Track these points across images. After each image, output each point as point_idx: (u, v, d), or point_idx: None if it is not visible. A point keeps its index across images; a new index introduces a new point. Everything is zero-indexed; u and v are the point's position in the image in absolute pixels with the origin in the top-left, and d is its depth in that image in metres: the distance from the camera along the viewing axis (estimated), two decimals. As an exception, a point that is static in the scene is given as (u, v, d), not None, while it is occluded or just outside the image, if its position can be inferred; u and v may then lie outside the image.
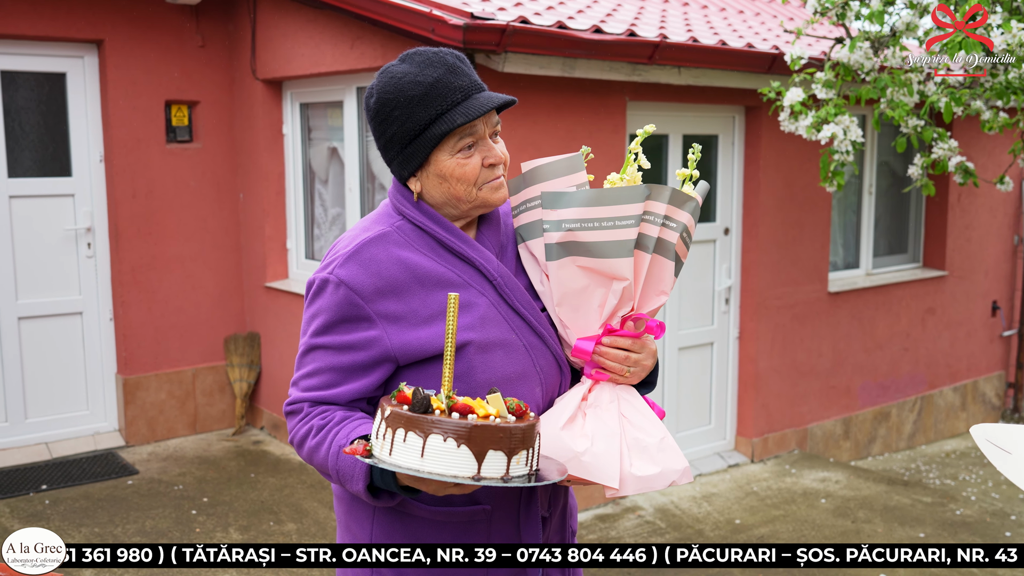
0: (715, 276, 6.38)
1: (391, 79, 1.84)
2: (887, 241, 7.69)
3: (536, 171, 1.96)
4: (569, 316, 1.95)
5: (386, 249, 1.85)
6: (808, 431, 6.82)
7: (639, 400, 1.99)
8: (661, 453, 1.92)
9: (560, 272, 1.91)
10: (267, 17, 6.10)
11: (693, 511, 5.53)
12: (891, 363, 7.42)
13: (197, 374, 6.54)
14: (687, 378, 6.33)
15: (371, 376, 1.84)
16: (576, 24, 4.93)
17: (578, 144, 5.16)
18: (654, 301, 1.99)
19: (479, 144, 1.85)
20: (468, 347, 1.83)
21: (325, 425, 1.81)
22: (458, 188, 1.85)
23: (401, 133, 1.83)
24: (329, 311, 1.83)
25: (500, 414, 1.59)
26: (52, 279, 6.11)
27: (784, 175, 6.37)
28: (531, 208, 1.96)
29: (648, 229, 1.90)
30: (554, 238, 1.90)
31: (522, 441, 1.58)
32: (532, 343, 1.92)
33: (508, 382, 1.87)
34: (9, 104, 5.88)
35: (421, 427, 1.54)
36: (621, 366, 1.93)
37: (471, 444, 1.53)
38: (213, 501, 5.36)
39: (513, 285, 1.92)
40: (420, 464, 1.54)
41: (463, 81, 1.83)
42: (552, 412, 1.94)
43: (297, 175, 6.42)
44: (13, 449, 6.00)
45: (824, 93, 4.89)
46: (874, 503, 5.75)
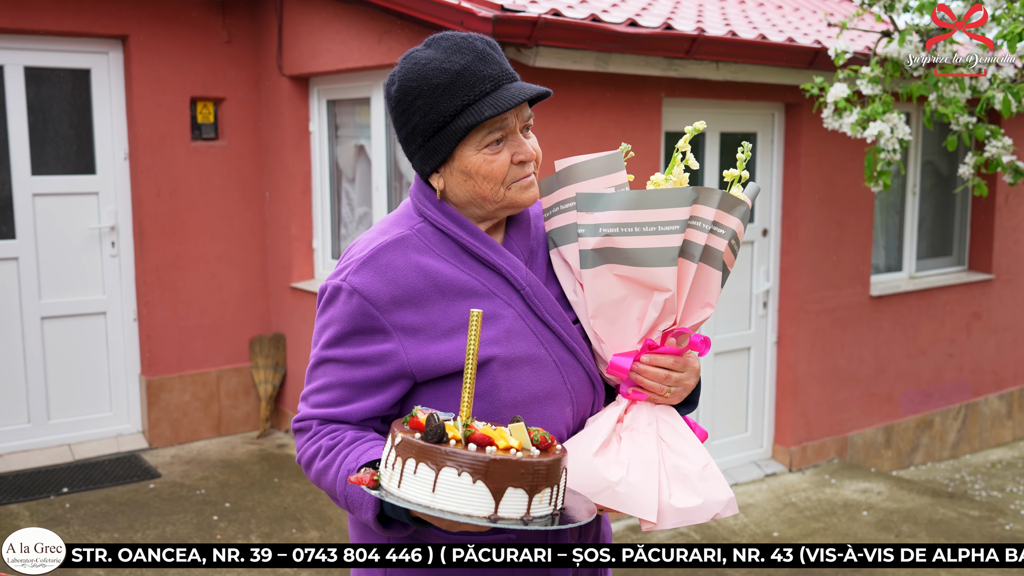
0: (753, 279, 6.17)
1: (414, 65, 1.67)
2: (931, 243, 7.43)
3: (571, 170, 1.79)
4: (605, 329, 1.77)
5: (404, 255, 1.69)
6: (848, 439, 6.60)
7: (680, 422, 1.82)
8: (704, 483, 1.74)
9: (596, 281, 1.74)
10: (294, 12, 5.97)
11: (729, 523, 5.33)
12: (935, 370, 7.17)
13: (221, 376, 6.43)
14: (723, 384, 6.13)
15: (385, 393, 1.68)
16: (611, 17, 4.75)
17: (612, 142, 4.98)
18: (698, 314, 1.81)
19: (509, 139, 1.68)
20: (492, 363, 1.66)
21: (334, 446, 1.65)
22: (484, 186, 1.68)
23: (424, 124, 1.66)
24: (341, 321, 1.67)
25: (523, 446, 1.42)
26: (76, 278, 6.02)
27: (825, 174, 6.15)
28: (565, 210, 1.79)
29: (694, 236, 1.72)
30: (590, 244, 1.72)
31: (546, 478, 1.41)
32: (563, 358, 1.75)
33: (536, 401, 1.70)
34: (34, 101, 5.80)
35: (434, 458, 1.37)
36: (661, 386, 1.76)
37: (488, 480, 1.36)
38: (235, 507, 5.24)
39: (543, 295, 1.75)
40: (431, 500, 1.37)
41: (493, 70, 1.66)
42: (584, 435, 1.76)
43: (324, 173, 6.29)
44: (36, 451, 5.92)
45: (870, 89, 4.67)
46: (918, 516, 5.52)
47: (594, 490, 1.71)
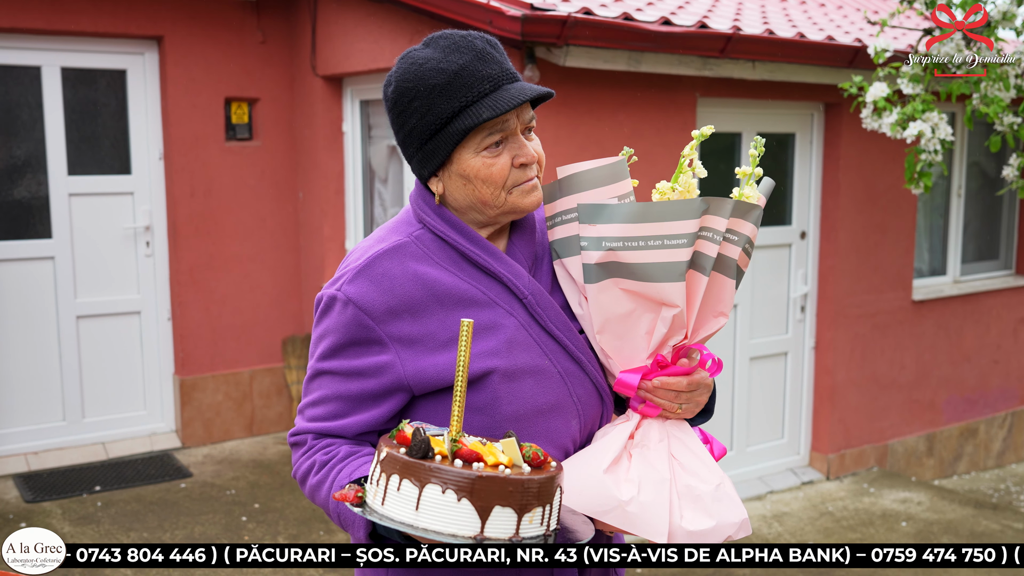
0: (790, 282, 6.04)
1: (411, 65, 1.61)
2: (977, 246, 7.23)
3: (573, 179, 1.70)
4: (612, 345, 1.69)
5: (401, 263, 1.63)
6: (888, 447, 6.44)
7: (693, 439, 1.74)
8: (717, 503, 1.66)
9: (601, 296, 1.66)
10: (327, 12, 5.96)
11: (763, 531, 5.22)
12: (980, 376, 6.98)
13: (254, 376, 6.44)
14: (759, 389, 6.01)
15: (382, 407, 1.62)
16: (645, 16, 4.66)
17: (646, 142, 4.90)
18: (711, 325, 1.73)
19: (509, 141, 1.61)
20: (492, 375, 1.60)
21: (328, 461, 1.60)
22: (484, 191, 1.62)
23: (421, 127, 1.60)
24: (336, 332, 1.62)
25: (513, 463, 1.36)
26: (111, 278, 6.07)
27: (866, 176, 6.00)
28: (567, 221, 1.70)
29: (705, 247, 1.63)
30: (593, 258, 1.64)
31: (537, 497, 1.34)
32: (568, 369, 1.68)
33: (540, 414, 1.64)
34: (70, 101, 5.85)
35: (418, 475, 1.31)
36: (671, 403, 1.69)
37: (474, 498, 1.30)
38: (264, 508, 5.24)
39: (546, 303, 1.68)
40: (415, 518, 1.31)
41: (492, 70, 1.59)
42: (593, 451, 1.69)
43: (357, 174, 6.27)
44: (71, 448, 5.97)
45: (910, 88, 4.53)
46: (959, 528, 5.36)
47: (603, 508, 1.64)
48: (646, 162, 4.00)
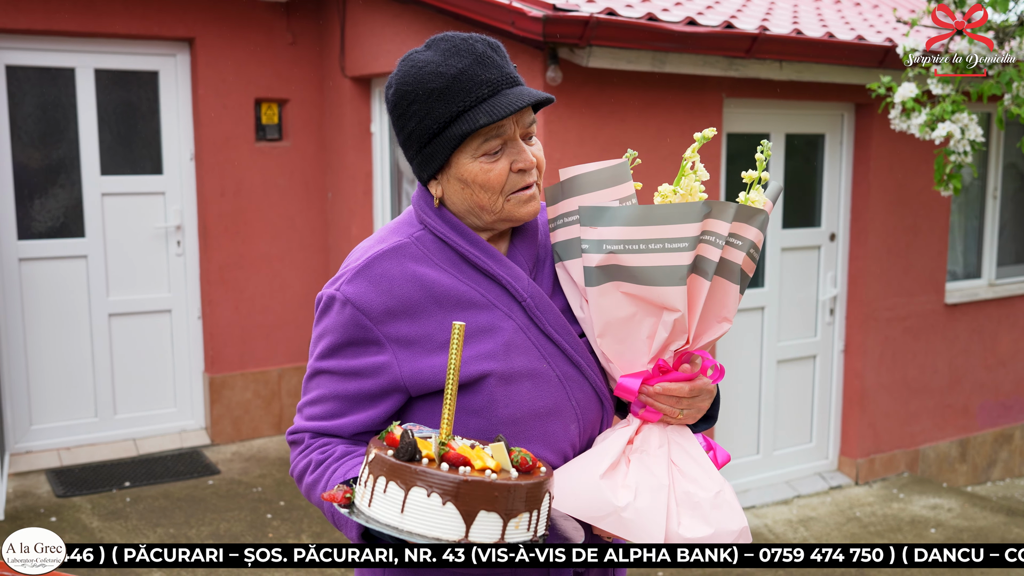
0: (819, 285, 5.98)
1: (411, 68, 1.61)
2: (1014, 249, 7.11)
3: (575, 181, 1.69)
4: (613, 349, 1.68)
5: (400, 264, 1.63)
6: (920, 453, 6.35)
7: (693, 445, 1.72)
8: (715, 511, 1.64)
9: (601, 300, 1.65)
10: (356, 13, 5.99)
11: (788, 536, 5.17)
12: (1015, 381, 6.85)
13: (283, 374, 6.49)
14: (786, 393, 5.95)
15: (379, 407, 1.63)
16: (671, 16, 4.63)
17: (671, 143, 4.87)
18: (715, 330, 1.71)
19: (508, 146, 1.61)
20: (488, 378, 1.59)
21: (324, 460, 1.61)
22: (481, 196, 1.61)
23: (419, 131, 1.60)
24: (334, 332, 1.62)
25: (501, 468, 1.35)
26: (142, 276, 6.15)
27: (897, 177, 5.92)
28: (568, 223, 1.70)
29: (707, 251, 1.62)
30: (593, 260, 1.63)
31: (524, 502, 1.33)
32: (567, 373, 1.67)
33: (537, 418, 1.63)
34: (103, 102, 5.93)
35: (403, 477, 1.31)
36: (673, 409, 1.67)
37: (459, 502, 1.29)
38: (290, 505, 5.28)
39: (546, 307, 1.67)
40: (400, 521, 1.31)
41: (492, 74, 1.58)
42: (591, 456, 1.68)
43: (385, 174, 6.30)
44: (102, 444, 6.06)
45: (940, 88, 4.47)
46: (990, 536, 5.27)
47: (599, 514, 1.63)
48: (671, 164, 3.98)
